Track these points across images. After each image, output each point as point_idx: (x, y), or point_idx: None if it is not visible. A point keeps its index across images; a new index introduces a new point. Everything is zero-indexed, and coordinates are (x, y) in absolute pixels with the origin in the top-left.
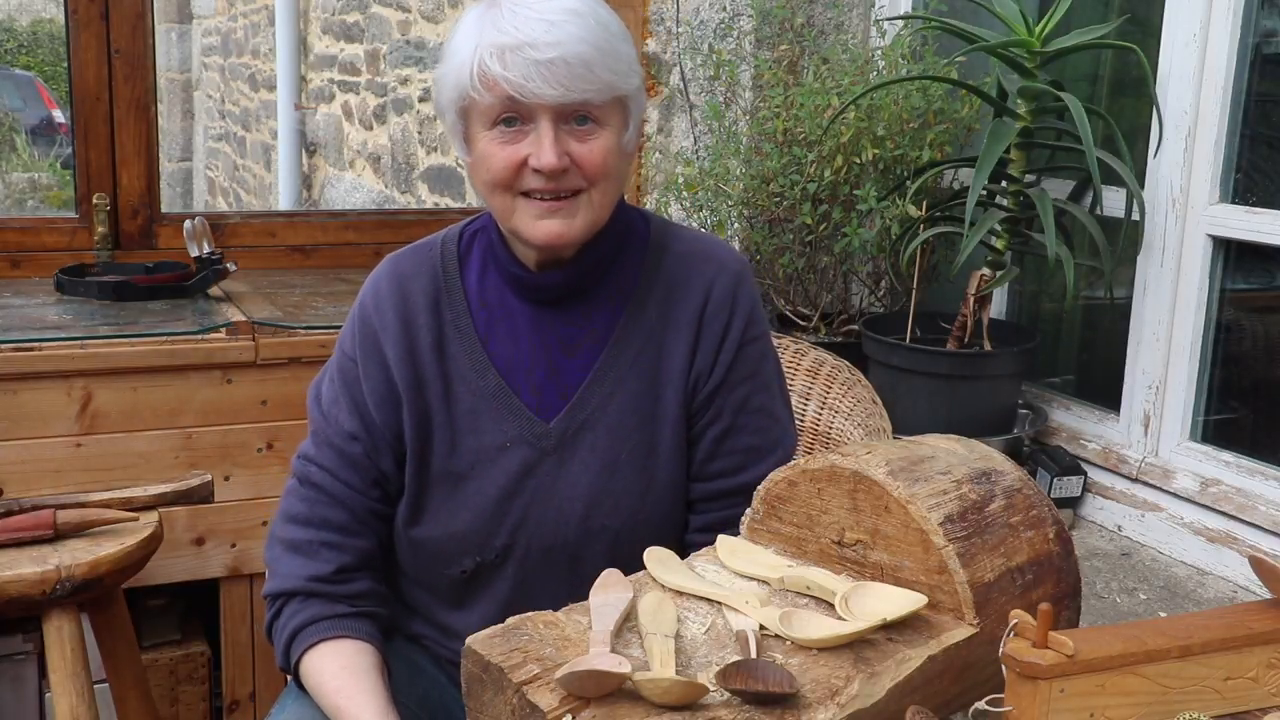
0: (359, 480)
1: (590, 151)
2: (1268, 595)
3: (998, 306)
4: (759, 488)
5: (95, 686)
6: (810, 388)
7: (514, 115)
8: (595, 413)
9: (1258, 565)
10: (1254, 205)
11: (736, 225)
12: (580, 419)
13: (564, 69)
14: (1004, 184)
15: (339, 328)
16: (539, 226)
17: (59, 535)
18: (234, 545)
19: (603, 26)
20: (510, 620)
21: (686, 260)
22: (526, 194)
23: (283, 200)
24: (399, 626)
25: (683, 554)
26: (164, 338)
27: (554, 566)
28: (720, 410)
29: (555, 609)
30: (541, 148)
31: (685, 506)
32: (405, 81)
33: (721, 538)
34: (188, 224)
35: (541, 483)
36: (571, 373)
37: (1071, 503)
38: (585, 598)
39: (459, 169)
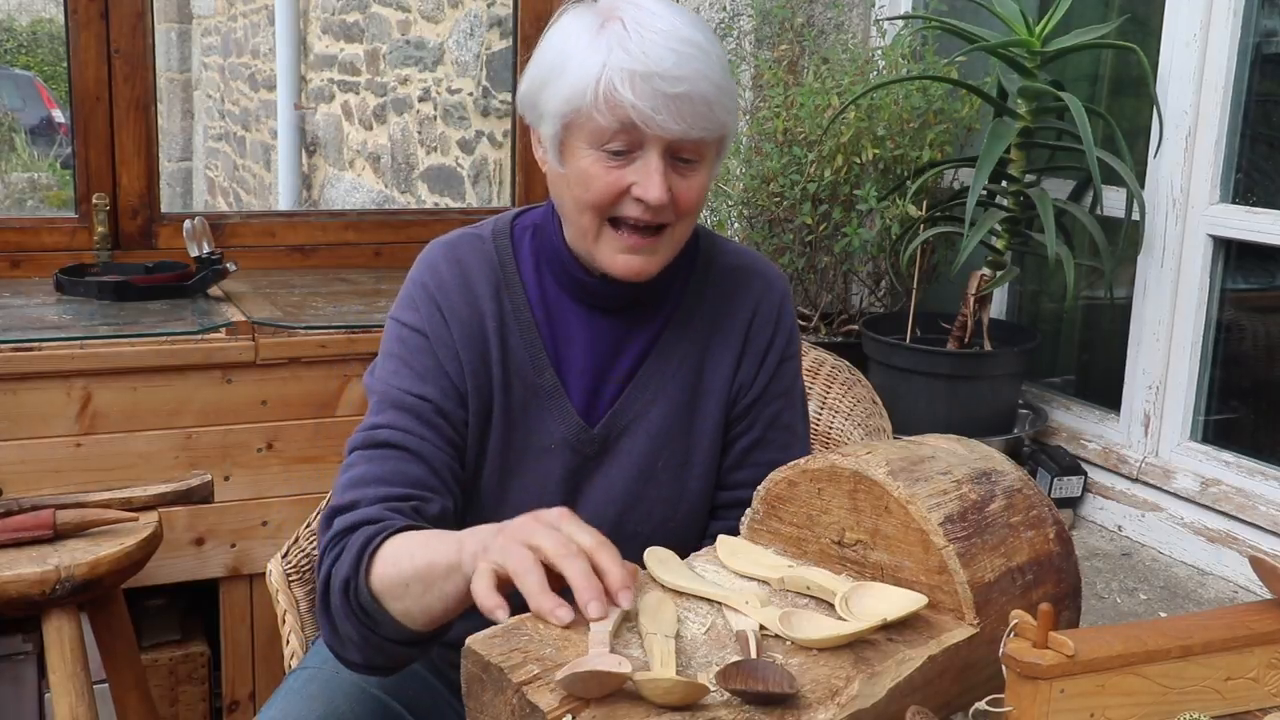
0: (434, 435)
1: (688, 189)
2: (1268, 595)
3: (998, 306)
4: (759, 488)
5: (95, 686)
6: (810, 388)
7: (625, 140)
8: (636, 419)
9: (1258, 565)
10: (1254, 205)
11: (736, 225)
12: (622, 424)
13: (688, 105)
14: (1004, 184)
15: (339, 328)
16: (619, 260)
17: (59, 535)
18: (234, 545)
19: (721, 62)
20: (510, 620)
21: (734, 274)
22: (616, 220)
23: (283, 200)
24: None
25: None
26: (164, 338)
27: None
28: (753, 422)
29: None
30: (650, 180)
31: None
32: (405, 81)
33: (721, 537)
34: (187, 224)
35: (579, 486)
36: (616, 377)
37: (1071, 503)
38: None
39: (458, 169)
